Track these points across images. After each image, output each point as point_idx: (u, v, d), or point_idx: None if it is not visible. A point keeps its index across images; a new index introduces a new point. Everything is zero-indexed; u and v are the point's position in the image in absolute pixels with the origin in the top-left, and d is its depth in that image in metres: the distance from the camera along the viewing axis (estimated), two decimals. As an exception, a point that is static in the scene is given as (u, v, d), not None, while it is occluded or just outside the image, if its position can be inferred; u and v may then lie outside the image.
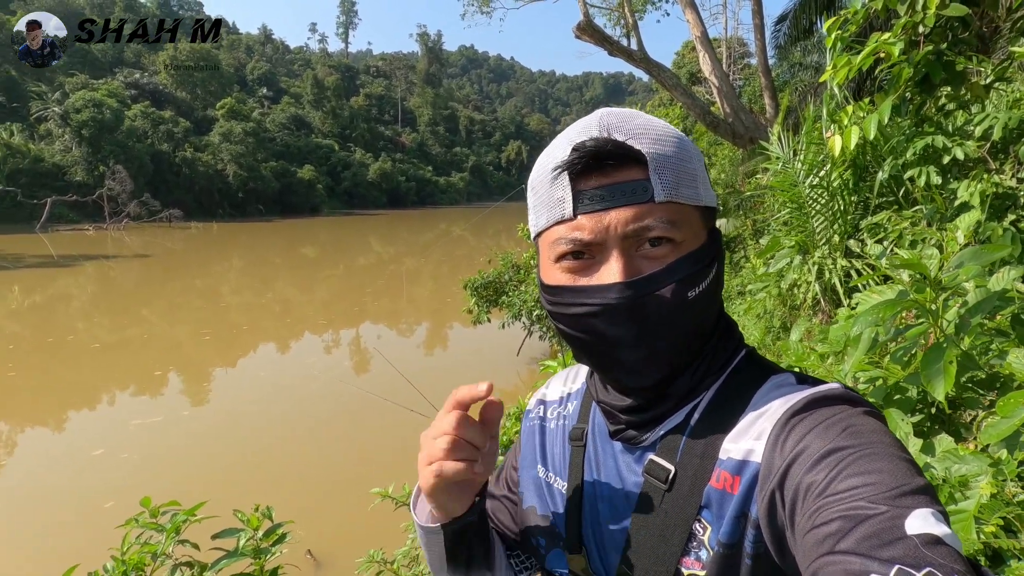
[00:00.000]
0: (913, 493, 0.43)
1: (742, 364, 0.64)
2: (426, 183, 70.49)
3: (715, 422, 0.59)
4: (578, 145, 0.56)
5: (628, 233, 0.56)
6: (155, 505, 1.93)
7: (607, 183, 0.56)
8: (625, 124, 0.58)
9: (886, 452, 0.46)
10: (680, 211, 0.57)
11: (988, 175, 2.86)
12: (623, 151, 0.56)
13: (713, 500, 0.56)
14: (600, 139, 0.56)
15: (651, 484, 0.60)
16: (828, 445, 0.48)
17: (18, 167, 34.30)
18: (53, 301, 15.61)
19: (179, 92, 52.96)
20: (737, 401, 0.60)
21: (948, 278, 1.19)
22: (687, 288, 0.57)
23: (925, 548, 0.39)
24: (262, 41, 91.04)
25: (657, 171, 0.56)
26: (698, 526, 0.57)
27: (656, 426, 0.62)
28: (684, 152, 0.59)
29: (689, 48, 26.48)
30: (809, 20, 9.67)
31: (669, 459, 0.60)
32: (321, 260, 24.99)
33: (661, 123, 0.60)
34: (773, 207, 4.91)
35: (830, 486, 0.45)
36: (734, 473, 0.55)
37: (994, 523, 0.96)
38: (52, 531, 4.90)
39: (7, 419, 7.63)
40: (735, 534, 0.54)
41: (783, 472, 0.50)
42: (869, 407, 0.54)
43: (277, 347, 11.72)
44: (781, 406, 0.55)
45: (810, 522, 0.45)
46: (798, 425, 0.52)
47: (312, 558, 4.53)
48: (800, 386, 0.58)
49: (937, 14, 2.85)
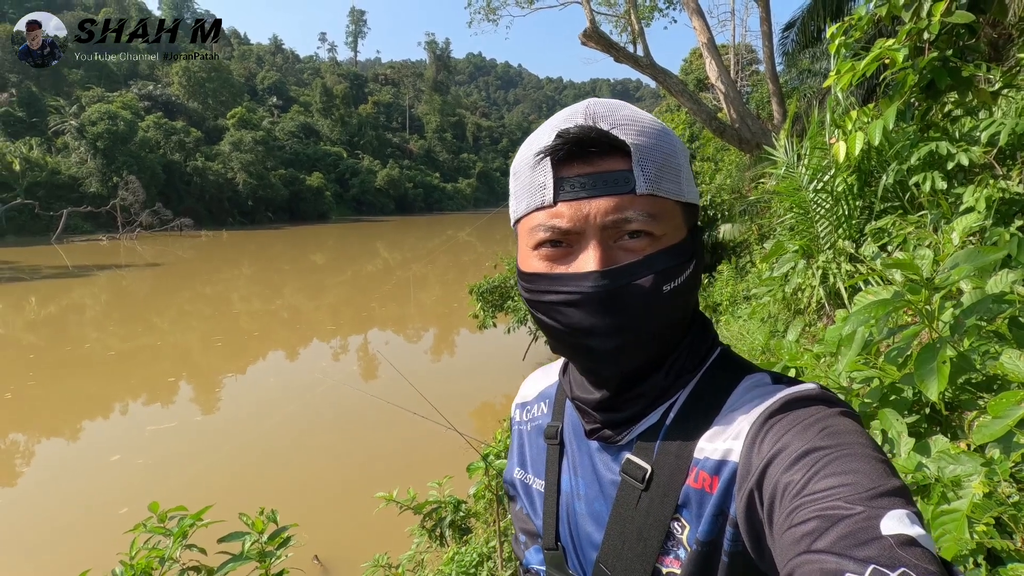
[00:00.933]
0: (889, 494, 0.43)
1: (717, 363, 0.63)
2: (433, 189, 70.78)
3: (691, 422, 0.59)
4: (562, 132, 0.56)
5: (607, 223, 0.56)
6: (163, 510, 1.96)
7: (589, 171, 0.56)
8: (611, 114, 0.57)
9: (862, 453, 0.47)
10: (661, 205, 0.57)
11: (995, 181, 2.85)
12: (607, 140, 0.55)
13: (692, 499, 0.56)
14: (585, 127, 0.55)
15: (628, 483, 0.60)
16: (805, 445, 0.49)
17: (36, 180, 34.98)
18: (68, 311, 15.84)
19: (191, 103, 53.69)
20: (713, 401, 0.60)
21: (942, 279, 1.20)
22: (663, 281, 0.56)
23: (900, 549, 0.39)
24: (272, 51, 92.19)
25: (640, 163, 0.55)
26: (676, 525, 0.57)
27: (632, 425, 0.62)
28: (669, 146, 0.58)
29: (696, 55, 26.50)
30: (817, 27, 9.64)
31: (646, 458, 0.60)
32: (330, 267, 25.16)
33: (648, 116, 0.60)
34: (778, 212, 4.90)
35: (807, 486, 0.46)
36: (712, 473, 0.55)
37: (986, 522, 0.96)
38: (69, 536, 4.99)
39: (28, 427, 7.79)
40: (713, 532, 0.54)
41: (761, 472, 0.50)
42: (845, 407, 0.55)
43: (287, 353, 11.83)
44: (758, 406, 0.56)
45: (787, 521, 0.45)
46: (776, 425, 0.53)
47: (319, 563, 4.54)
48: (776, 386, 0.58)
49: (942, 21, 2.85)
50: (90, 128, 37.69)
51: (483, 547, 3.09)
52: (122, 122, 38.51)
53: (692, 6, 9.83)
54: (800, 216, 3.94)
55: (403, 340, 13.09)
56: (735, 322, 6.05)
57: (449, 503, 3.48)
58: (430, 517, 3.46)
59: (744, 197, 8.58)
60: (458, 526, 3.40)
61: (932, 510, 1.02)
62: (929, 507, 1.05)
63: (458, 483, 3.81)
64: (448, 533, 3.37)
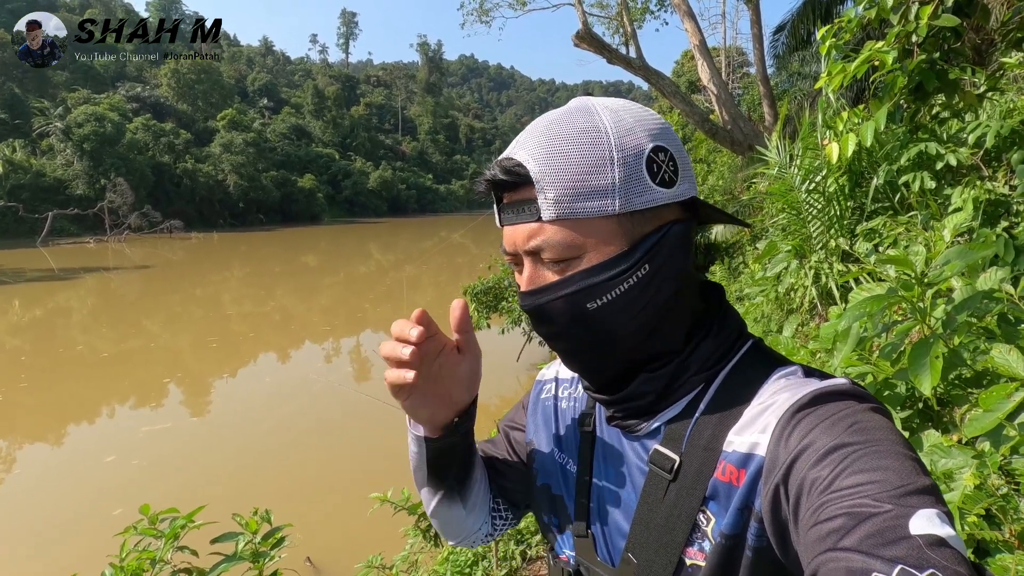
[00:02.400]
0: (918, 493, 0.42)
1: (748, 355, 0.63)
2: (426, 191, 70.79)
3: (720, 414, 0.59)
4: (495, 163, 0.60)
5: (528, 249, 0.60)
6: (155, 512, 1.94)
7: (511, 199, 0.60)
8: (531, 140, 0.58)
9: (892, 450, 0.46)
10: (577, 226, 0.57)
11: (981, 182, 2.89)
12: (512, 173, 0.58)
13: (719, 492, 0.56)
14: (503, 160, 0.59)
15: (656, 474, 0.61)
16: (834, 441, 0.48)
17: (20, 182, 34.60)
18: (54, 314, 15.65)
19: (180, 104, 53.34)
20: (742, 393, 0.59)
21: (934, 275, 1.21)
22: (584, 301, 0.58)
23: (929, 549, 0.38)
24: (263, 53, 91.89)
25: (543, 190, 0.56)
26: (702, 517, 0.57)
27: (650, 418, 0.63)
28: (591, 161, 0.55)
29: (688, 57, 26.68)
30: (807, 30, 9.74)
31: (675, 449, 0.60)
32: (322, 268, 25.04)
33: (578, 129, 0.57)
34: (771, 212, 4.94)
35: (835, 482, 0.45)
36: (739, 466, 0.55)
37: (976, 513, 0.98)
38: (64, 537, 4.95)
39: (20, 429, 7.73)
40: (738, 526, 0.54)
41: (788, 466, 0.50)
42: (876, 403, 0.54)
43: (280, 355, 11.78)
44: (787, 400, 0.55)
45: (813, 518, 0.45)
46: (804, 420, 0.52)
47: (311, 565, 4.52)
48: (807, 380, 0.58)
49: (930, 24, 2.90)
50: (76, 130, 37.33)
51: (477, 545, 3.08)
52: (109, 124, 38.17)
53: (684, 8, 9.89)
54: (792, 217, 3.98)
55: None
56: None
57: (444, 504, 3.47)
58: (424, 517, 3.45)
59: (736, 198, 8.64)
60: (453, 527, 3.38)
61: (925, 503, 1.02)
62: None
63: (453, 483, 3.81)
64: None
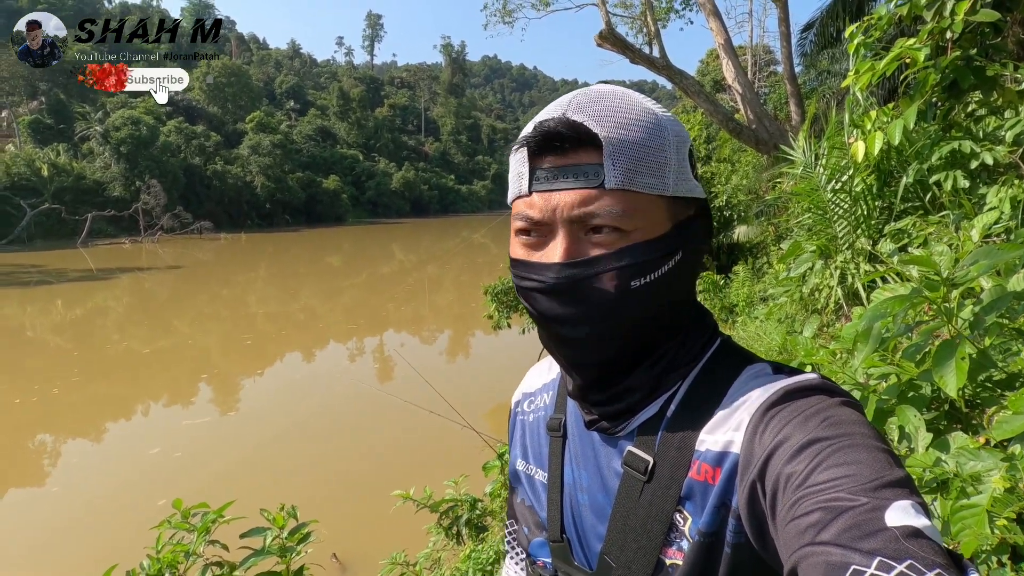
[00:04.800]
0: (892, 485, 0.43)
1: (718, 353, 0.63)
2: (448, 191, 71.07)
3: (692, 413, 0.59)
4: (541, 123, 0.57)
5: (573, 217, 0.56)
6: (188, 506, 2.01)
7: (560, 163, 0.56)
8: (593, 105, 0.57)
9: (865, 443, 0.46)
10: (634, 200, 0.55)
11: (1020, 181, 2.80)
12: (576, 133, 0.55)
13: (695, 491, 0.56)
14: (560, 119, 0.56)
15: (630, 475, 0.60)
16: (807, 436, 0.48)
17: (63, 185, 35.90)
18: (93, 313, 16.29)
19: (211, 107, 54.60)
20: (713, 391, 0.59)
21: (960, 275, 1.19)
22: (633, 276, 0.56)
23: (905, 540, 0.39)
24: (290, 56, 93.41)
25: (612, 156, 0.54)
26: (679, 517, 0.57)
27: (630, 417, 0.62)
28: (655, 139, 0.56)
29: (713, 56, 26.28)
30: (836, 28, 9.51)
31: (647, 450, 0.60)
32: (346, 269, 25.42)
33: (640, 107, 0.58)
34: (796, 212, 4.86)
35: (810, 477, 0.45)
36: (714, 464, 0.55)
37: (1007, 516, 0.96)
38: (111, 526, 5.22)
39: (74, 421, 8.17)
40: (715, 524, 0.55)
41: (763, 463, 0.50)
42: (847, 397, 0.54)
43: (308, 353, 12.12)
44: (759, 397, 0.55)
45: (791, 513, 0.45)
46: (776, 416, 0.52)
47: (337, 561, 4.60)
48: (777, 376, 0.58)
49: (966, 20, 2.81)
50: (114, 133, 38.57)
51: (500, 544, 3.11)
52: (144, 127, 39.33)
53: (709, 7, 9.77)
54: (818, 216, 3.91)
55: (418, 341, 13.19)
56: (752, 323, 6.00)
57: (465, 501, 3.51)
58: (447, 515, 3.49)
59: (761, 198, 8.51)
60: (474, 524, 3.42)
61: (951, 505, 1.02)
62: (948, 502, 1.04)
63: (474, 482, 3.84)
64: (465, 531, 3.40)
